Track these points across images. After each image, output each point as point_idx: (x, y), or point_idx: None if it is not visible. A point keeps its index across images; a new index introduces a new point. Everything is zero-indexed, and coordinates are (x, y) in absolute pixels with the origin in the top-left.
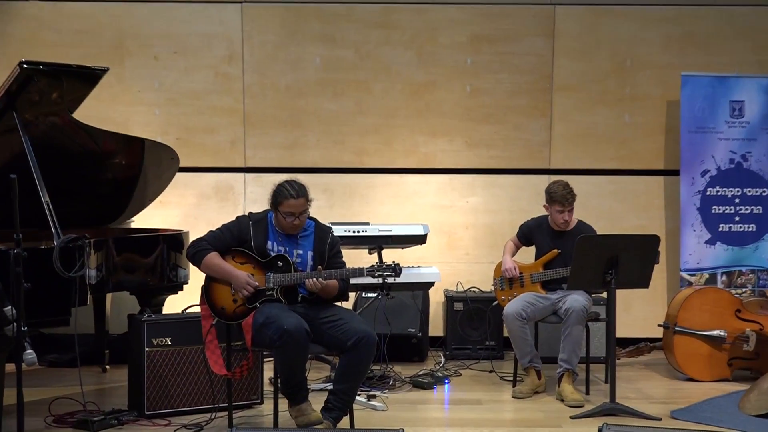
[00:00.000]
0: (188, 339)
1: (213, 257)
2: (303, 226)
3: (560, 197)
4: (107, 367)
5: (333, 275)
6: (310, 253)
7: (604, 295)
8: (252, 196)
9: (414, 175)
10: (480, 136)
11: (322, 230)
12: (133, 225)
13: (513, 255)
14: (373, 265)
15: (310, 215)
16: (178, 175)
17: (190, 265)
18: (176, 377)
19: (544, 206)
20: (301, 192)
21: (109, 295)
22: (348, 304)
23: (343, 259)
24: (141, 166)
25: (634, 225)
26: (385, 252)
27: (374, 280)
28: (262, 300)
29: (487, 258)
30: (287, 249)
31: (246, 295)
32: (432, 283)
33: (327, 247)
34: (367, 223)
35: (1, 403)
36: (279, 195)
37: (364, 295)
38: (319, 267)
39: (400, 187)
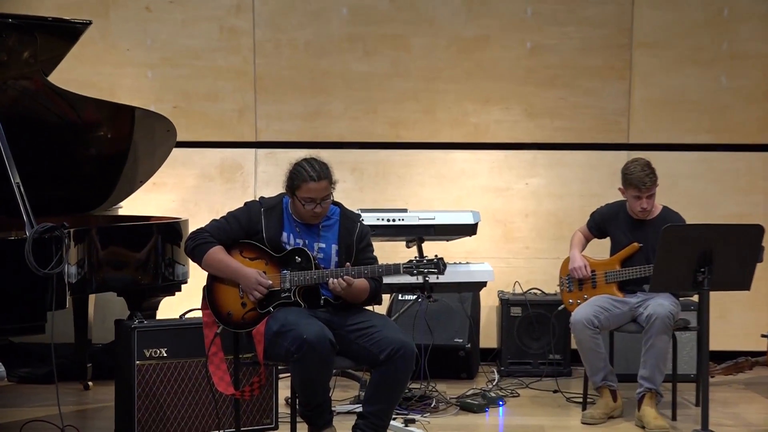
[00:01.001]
0: (187, 350)
1: (217, 252)
2: (326, 213)
3: (637, 180)
4: (90, 383)
5: (363, 273)
6: (334, 247)
7: (695, 298)
8: (264, 176)
9: (462, 151)
10: (543, 103)
11: (350, 219)
12: (121, 212)
13: (583, 249)
14: (411, 261)
15: (335, 200)
16: (176, 151)
17: (190, 261)
18: (173, 396)
19: (620, 190)
20: (324, 173)
21: (92, 297)
22: (381, 309)
23: (375, 253)
24: (130, 140)
25: (732, 213)
26: (426, 245)
27: (413, 279)
28: (277, 303)
29: (550, 253)
30: (307, 242)
31: (257, 297)
32: (483, 284)
33: (355, 238)
34: (405, 210)
35: None
36: (296, 176)
37: (400, 297)
38: (347, 264)
39: (444, 166)
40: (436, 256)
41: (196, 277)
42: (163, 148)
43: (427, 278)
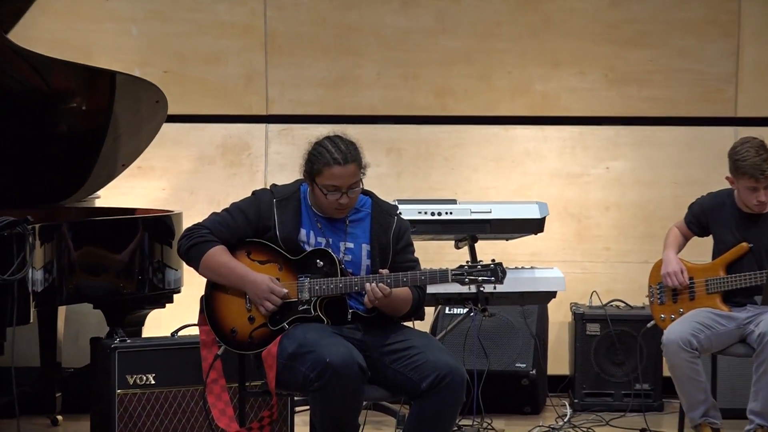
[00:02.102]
0: (181, 377)
1: (218, 253)
2: (354, 205)
3: (752, 167)
4: (59, 417)
5: (401, 281)
6: (365, 247)
7: None
8: (277, 159)
9: (525, 127)
10: (627, 66)
11: (384, 212)
12: (99, 203)
13: (679, 250)
14: (462, 266)
15: (365, 189)
16: (166, 127)
17: (184, 264)
18: None
19: (728, 178)
20: (351, 154)
21: (62, 310)
22: (424, 326)
23: (416, 255)
24: (110, 113)
25: None
26: (480, 245)
27: (464, 289)
28: (293, 319)
29: (637, 255)
30: (330, 241)
31: (269, 310)
32: (553, 294)
33: (391, 237)
34: (454, 201)
35: None
36: (317, 159)
37: (447, 311)
38: (381, 270)
39: (503, 146)
40: (493, 260)
41: (192, 284)
42: (151, 124)
43: (481, 287)
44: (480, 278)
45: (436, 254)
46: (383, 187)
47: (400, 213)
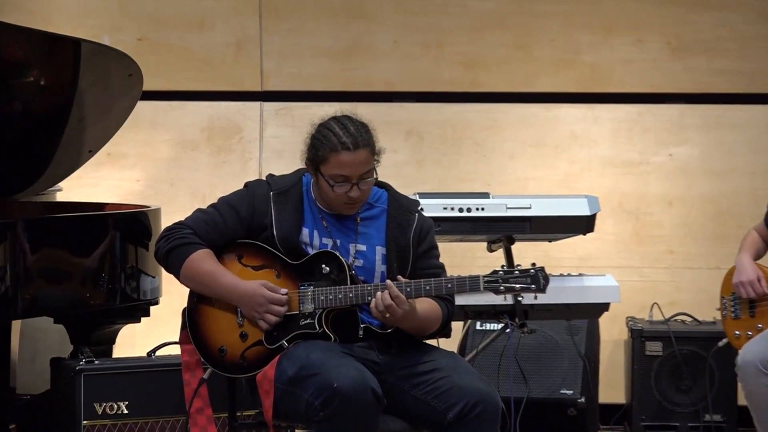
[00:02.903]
0: (158, 405)
1: (203, 258)
2: (366, 199)
3: None
4: None
5: (423, 289)
6: (380, 250)
7: None
8: (274, 143)
9: (572, 105)
10: (695, 33)
11: (403, 208)
12: (61, 197)
13: (758, 256)
14: (496, 272)
15: (380, 180)
16: (141, 106)
17: (163, 270)
18: None
19: None
20: (362, 138)
21: (16, 324)
22: (451, 344)
23: (442, 260)
24: (74, 89)
25: None
26: (518, 248)
27: (498, 299)
28: (294, 335)
29: (706, 260)
30: (339, 242)
31: (267, 325)
32: (605, 306)
33: (411, 238)
34: (487, 195)
35: None
36: (322, 144)
37: (479, 327)
38: (399, 277)
39: (545, 129)
40: (533, 265)
41: (173, 294)
42: (122, 102)
43: (519, 298)
44: (518, 286)
45: (464, 258)
46: (401, 178)
47: (421, 209)
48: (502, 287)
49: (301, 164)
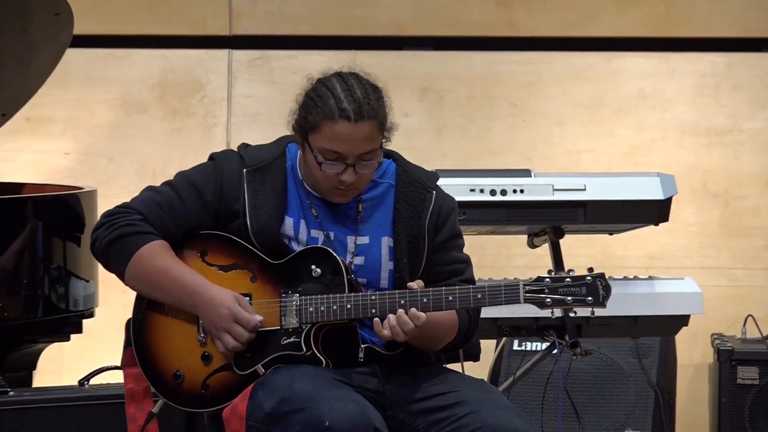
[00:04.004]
0: None
1: (155, 252)
2: (362, 187)
3: None
4: None
5: (445, 301)
6: (386, 242)
7: None
8: (247, 104)
9: (639, 54)
10: None
11: (417, 187)
12: None
13: None
14: (541, 278)
15: (389, 150)
16: (72, 55)
17: (101, 270)
18: None
19: None
20: (369, 107)
21: None
22: (479, 369)
23: (467, 258)
24: None
25: None
26: (568, 242)
27: (543, 313)
28: (274, 358)
29: None
30: (333, 235)
31: (230, 350)
32: (684, 320)
33: (428, 222)
34: (527, 172)
35: None
36: (315, 107)
37: (516, 347)
38: (410, 284)
39: (604, 85)
40: (590, 270)
41: (113, 303)
42: (47, 50)
43: (571, 311)
44: (569, 299)
45: (497, 257)
46: (414, 151)
47: (438, 191)
48: (548, 300)
49: (285, 131)
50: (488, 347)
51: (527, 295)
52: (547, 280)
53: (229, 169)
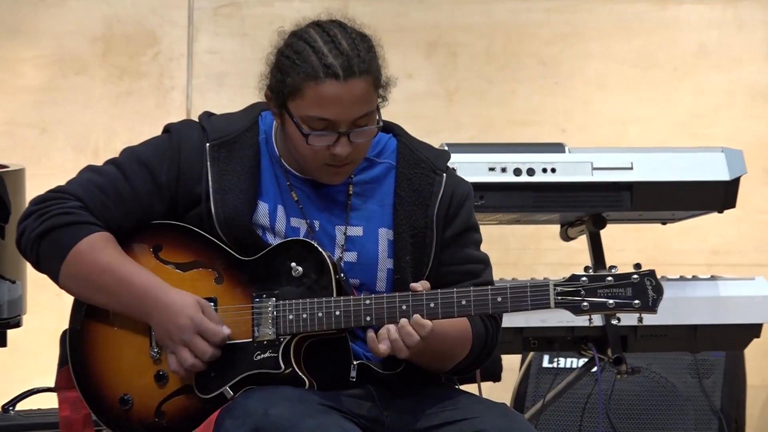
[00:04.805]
0: None
1: (99, 244)
2: (361, 159)
3: None
4: None
5: (457, 307)
6: (384, 234)
7: None
8: (212, 63)
9: (697, 1)
10: None
11: (422, 163)
12: None
13: None
14: (576, 276)
15: (387, 121)
16: None
17: (29, 270)
18: None
19: None
20: (360, 60)
21: None
22: (500, 391)
23: (485, 252)
24: None
25: None
26: (611, 234)
27: (578, 320)
28: (244, 378)
29: None
30: (318, 224)
31: (189, 368)
32: (754, 330)
33: (436, 211)
34: (560, 147)
35: None
36: (294, 67)
37: (547, 363)
38: (414, 285)
39: (657, 38)
40: (637, 266)
41: (45, 309)
42: None
43: (614, 317)
44: (611, 302)
45: (522, 251)
46: (420, 120)
47: (453, 169)
48: (585, 304)
49: (257, 98)
50: (512, 364)
51: (559, 297)
52: (584, 279)
53: (188, 143)
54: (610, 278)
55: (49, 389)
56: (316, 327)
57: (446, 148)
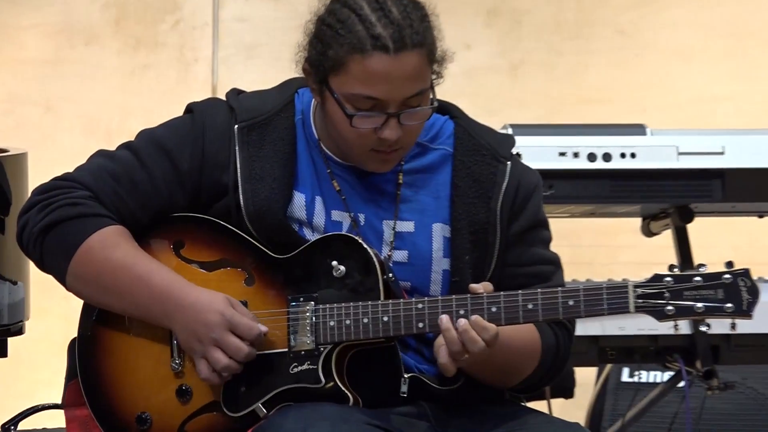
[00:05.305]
0: None
1: (113, 240)
2: (413, 143)
3: None
4: None
5: (523, 311)
6: (440, 230)
7: None
8: (240, 33)
9: None
10: None
11: (483, 150)
12: None
13: None
14: (659, 277)
15: (442, 101)
16: None
17: (32, 269)
18: None
19: None
20: (414, 32)
21: None
22: (574, 410)
23: (554, 250)
24: None
25: None
26: (699, 228)
27: (662, 327)
28: (279, 393)
29: None
30: (363, 217)
31: (206, 375)
32: None
33: (500, 205)
34: (641, 128)
35: None
36: (337, 37)
37: (627, 377)
38: (474, 286)
39: (748, 3)
40: (729, 265)
41: (50, 315)
42: None
43: (703, 323)
44: (700, 305)
45: (597, 249)
46: (479, 98)
47: (518, 155)
48: (670, 308)
49: (293, 72)
50: (586, 378)
51: (640, 300)
52: (669, 279)
53: (213, 125)
54: (698, 278)
55: (55, 406)
56: (361, 335)
57: (510, 131)
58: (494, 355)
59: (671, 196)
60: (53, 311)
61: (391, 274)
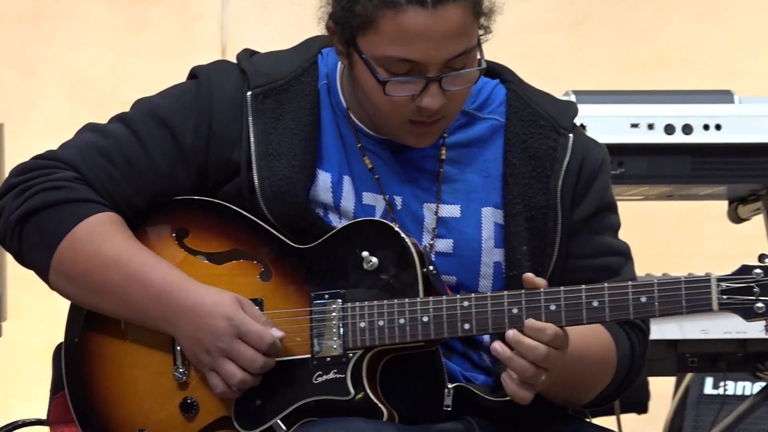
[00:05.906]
0: None
1: (104, 229)
2: (457, 112)
3: None
4: None
5: (587, 310)
6: (490, 214)
7: None
8: None
9: None
10: None
11: (540, 121)
12: None
13: None
14: (747, 269)
15: (492, 62)
16: None
17: (10, 263)
18: None
19: None
20: None
21: None
22: (648, 428)
23: (624, 238)
24: None
25: None
26: None
27: (753, 330)
28: (301, 406)
29: None
30: (399, 201)
31: (239, 380)
32: None
33: (561, 186)
34: (729, 95)
35: None
36: None
37: (710, 389)
38: (528, 277)
39: None
40: None
41: (33, 316)
42: None
43: None
44: None
45: (676, 237)
46: (537, 59)
47: (582, 126)
48: (760, 304)
49: (315, 30)
50: (663, 390)
51: (725, 297)
52: (758, 271)
53: (222, 92)
54: None
55: (39, 422)
56: (397, 338)
57: (572, 98)
58: (569, 373)
59: (763, 176)
60: (35, 311)
61: (432, 267)
